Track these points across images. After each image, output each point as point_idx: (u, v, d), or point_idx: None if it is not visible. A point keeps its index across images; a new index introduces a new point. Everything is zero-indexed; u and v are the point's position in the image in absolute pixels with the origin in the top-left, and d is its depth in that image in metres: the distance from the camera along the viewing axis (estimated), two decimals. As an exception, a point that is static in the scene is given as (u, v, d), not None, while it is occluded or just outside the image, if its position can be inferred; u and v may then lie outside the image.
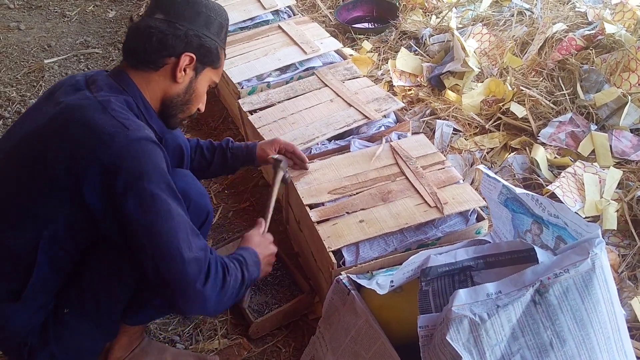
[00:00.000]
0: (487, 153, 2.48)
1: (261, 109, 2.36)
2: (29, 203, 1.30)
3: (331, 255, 1.67)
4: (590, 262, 1.19)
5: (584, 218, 1.97)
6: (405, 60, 3.06)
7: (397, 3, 3.65)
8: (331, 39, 2.78)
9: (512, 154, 2.42)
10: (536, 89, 2.61)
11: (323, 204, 1.86)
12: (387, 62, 3.09)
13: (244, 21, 3.01)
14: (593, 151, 2.36)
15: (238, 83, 2.53)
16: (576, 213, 1.35)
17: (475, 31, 3.13)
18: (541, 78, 2.70)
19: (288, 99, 2.41)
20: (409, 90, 2.95)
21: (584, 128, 2.42)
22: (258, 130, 2.23)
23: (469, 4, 3.50)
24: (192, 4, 1.46)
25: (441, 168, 1.95)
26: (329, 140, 2.18)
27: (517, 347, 1.17)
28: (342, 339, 1.50)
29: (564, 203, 2.04)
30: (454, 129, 2.61)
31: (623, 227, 2.04)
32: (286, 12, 3.16)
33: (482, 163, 2.41)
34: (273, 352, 1.82)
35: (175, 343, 1.83)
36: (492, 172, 1.50)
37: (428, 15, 3.54)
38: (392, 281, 1.39)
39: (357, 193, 1.88)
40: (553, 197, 2.08)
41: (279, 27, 2.89)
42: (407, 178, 1.91)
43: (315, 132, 2.18)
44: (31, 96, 3.19)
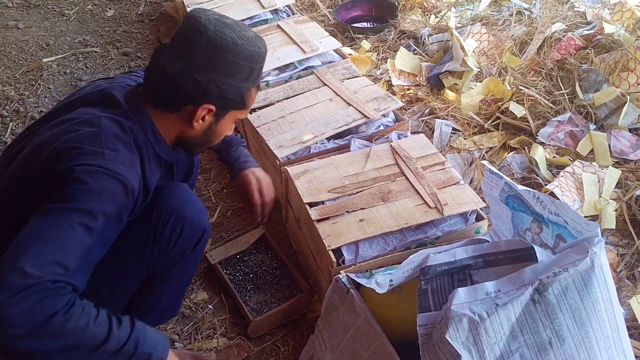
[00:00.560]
0: (486, 152, 2.48)
1: (260, 108, 2.36)
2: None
3: (331, 253, 1.67)
4: (589, 261, 1.19)
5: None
6: (404, 59, 3.06)
7: (396, 2, 3.65)
8: (330, 38, 2.78)
9: (511, 154, 2.42)
10: (535, 89, 2.61)
11: (323, 203, 1.86)
12: (386, 62, 3.09)
13: (243, 20, 3.01)
14: (592, 151, 2.36)
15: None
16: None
17: (474, 31, 3.13)
18: (540, 78, 2.70)
19: (287, 98, 2.41)
20: (408, 89, 2.95)
21: (583, 127, 2.42)
22: (257, 129, 2.22)
23: (468, 4, 3.50)
24: (217, 51, 1.32)
25: (441, 169, 1.95)
26: (328, 139, 2.18)
27: (517, 346, 1.17)
28: (341, 338, 1.50)
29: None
30: (453, 129, 2.61)
31: (622, 227, 2.05)
32: (285, 11, 3.16)
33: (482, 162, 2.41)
34: (272, 351, 1.82)
35: (174, 342, 1.83)
36: (495, 169, 1.51)
37: (427, 14, 3.54)
38: (392, 280, 1.39)
39: (357, 192, 1.88)
40: (552, 197, 2.08)
41: (278, 26, 2.89)
42: (407, 178, 1.91)
43: (314, 131, 2.18)
44: (29, 95, 3.18)
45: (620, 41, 2.61)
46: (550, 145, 2.42)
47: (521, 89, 2.61)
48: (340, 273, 1.57)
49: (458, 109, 2.70)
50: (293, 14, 3.15)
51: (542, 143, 2.42)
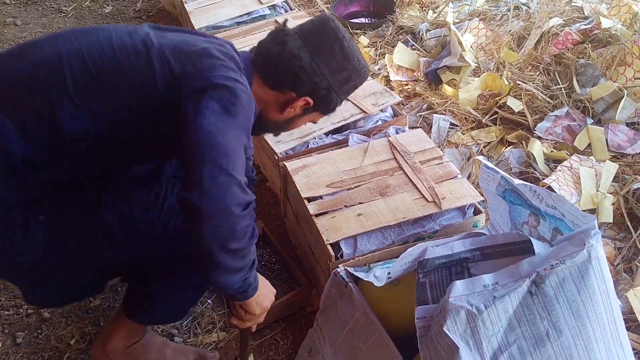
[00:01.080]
0: (484, 147, 2.49)
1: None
2: None
3: (329, 247, 1.68)
4: (586, 253, 1.20)
5: (580, 211, 1.98)
6: (402, 55, 3.07)
7: (394, -2, 3.66)
8: (328, 34, 2.77)
9: (509, 148, 2.43)
10: (532, 83, 2.62)
11: (321, 198, 1.86)
12: (384, 57, 3.09)
13: (241, 16, 3.00)
14: (589, 145, 2.37)
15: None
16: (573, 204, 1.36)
17: (471, 26, 3.13)
18: (537, 72, 2.71)
19: (285, 94, 2.41)
20: (406, 84, 2.95)
21: (580, 122, 2.43)
22: (255, 124, 2.23)
23: (466, -1, 3.51)
24: (345, 57, 1.44)
25: (439, 163, 1.95)
26: (327, 134, 2.19)
27: (514, 338, 1.18)
28: (340, 331, 1.51)
29: (561, 196, 2.05)
30: (451, 124, 2.62)
31: (619, 220, 2.06)
32: (283, 7, 3.16)
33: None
34: (271, 345, 1.83)
35: (173, 336, 1.83)
36: (491, 164, 1.51)
37: (425, 10, 3.54)
38: (390, 273, 1.40)
39: (356, 187, 1.88)
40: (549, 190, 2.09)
41: (276, 22, 2.89)
42: (405, 173, 1.92)
43: (312, 127, 2.18)
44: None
45: (617, 36, 2.61)
46: (547, 139, 2.43)
47: (519, 84, 2.62)
48: (338, 267, 1.57)
49: (456, 104, 2.71)
50: (291, 10, 3.15)
51: (540, 137, 2.43)
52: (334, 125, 2.18)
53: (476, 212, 1.82)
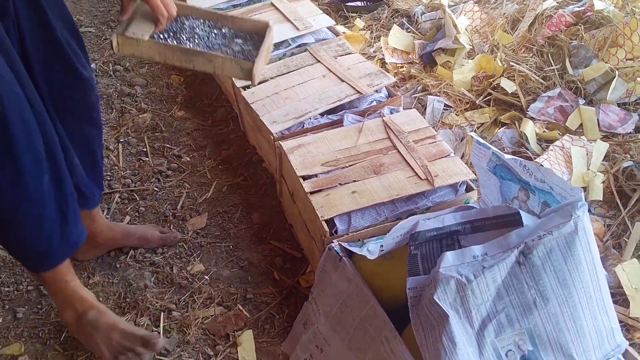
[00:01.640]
0: (478, 128, 2.52)
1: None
2: None
3: (324, 224, 1.71)
4: (572, 224, 1.23)
5: (571, 189, 2.01)
6: (397, 37, 3.08)
7: (390, -19, 3.66)
8: (324, 16, 2.79)
9: (502, 129, 2.46)
10: (526, 65, 2.64)
11: (316, 176, 1.89)
12: (380, 40, 3.11)
13: (237, -2, 3.02)
14: (581, 125, 2.40)
15: (231, 59, 2.53)
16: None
17: (466, 9, 3.15)
18: (531, 54, 2.73)
19: (281, 75, 2.43)
20: (401, 67, 2.98)
21: (572, 103, 2.46)
22: (251, 105, 2.25)
23: (461, -18, 3.51)
24: None
25: (432, 142, 1.98)
26: (322, 114, 2.21)
27: (502, 306, 1.22)
28: (334, 304, 1.55)
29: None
30: (445, 105, 2.64)
31: (609, 198, 2.09)
32: (279, -10, 3.16)
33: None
34: (267, 319, 1.87)
35: (171, 311, 1.87)
36: (482, 139, 1.54)
37: (420, -7, 3.55)
38: (382, 246, 1.43)
39: (350, 165, 1.91)
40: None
41: (272, 4, 2.90)
42: (399, 151, 1.94)
43: (308, 107, 2.20)
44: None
45: (609, 17, 2.63)
46: (540, 120, 2.46)
47: (512, 66, 2.64)
48: (333, 242, 1.61)
49: (450, 86, 2.73)
50: (286, -8, 3.15)
51: (533, 118, 2.46)
52: (329, 105, 2.21)
53: (468, 190, 1.85)
